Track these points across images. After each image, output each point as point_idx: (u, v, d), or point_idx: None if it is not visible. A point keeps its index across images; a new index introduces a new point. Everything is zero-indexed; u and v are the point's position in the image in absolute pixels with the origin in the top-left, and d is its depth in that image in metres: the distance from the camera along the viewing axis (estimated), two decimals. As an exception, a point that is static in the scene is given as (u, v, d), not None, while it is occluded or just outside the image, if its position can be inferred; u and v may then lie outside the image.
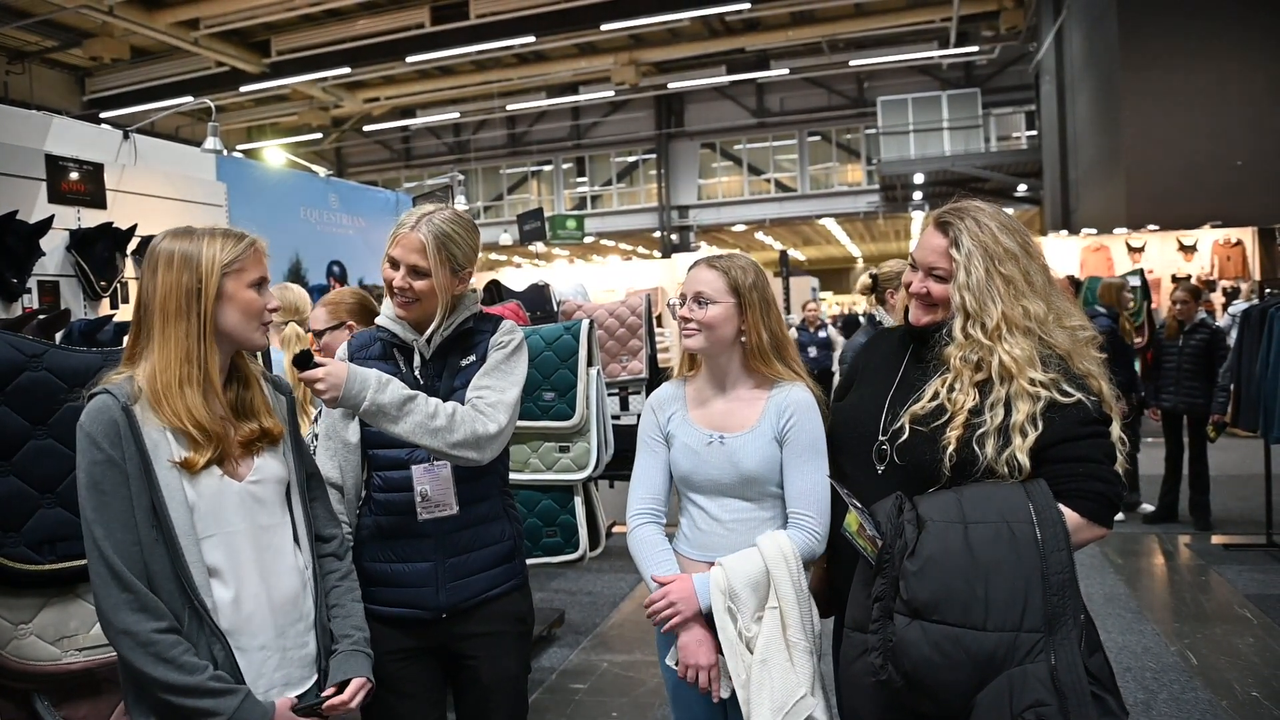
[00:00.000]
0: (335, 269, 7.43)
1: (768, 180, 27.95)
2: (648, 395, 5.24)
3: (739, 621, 1.87)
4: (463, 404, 1.96)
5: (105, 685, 2.14)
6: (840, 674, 1.80)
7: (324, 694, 1.70)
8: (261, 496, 1.69)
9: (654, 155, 28.15)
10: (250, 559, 1.65)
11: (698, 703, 2.06)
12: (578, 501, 3.92)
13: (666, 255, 23.58)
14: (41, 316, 4.10)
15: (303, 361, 1.83)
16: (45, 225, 4.64)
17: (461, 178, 7.03)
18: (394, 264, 1.98)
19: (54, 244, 4.79)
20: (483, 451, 1.93)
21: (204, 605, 1.57)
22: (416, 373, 2.05)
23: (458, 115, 26.55)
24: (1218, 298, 12.21)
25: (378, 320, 2.11)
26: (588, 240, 25.89)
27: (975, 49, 22.35)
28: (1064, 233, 15.21)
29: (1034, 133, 23.35)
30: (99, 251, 4.93)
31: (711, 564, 1.99)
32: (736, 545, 1.98)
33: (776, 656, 1.85)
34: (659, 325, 7.72)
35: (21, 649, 2.02)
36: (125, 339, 2.41)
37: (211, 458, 1.61)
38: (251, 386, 1.75)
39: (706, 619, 1.92)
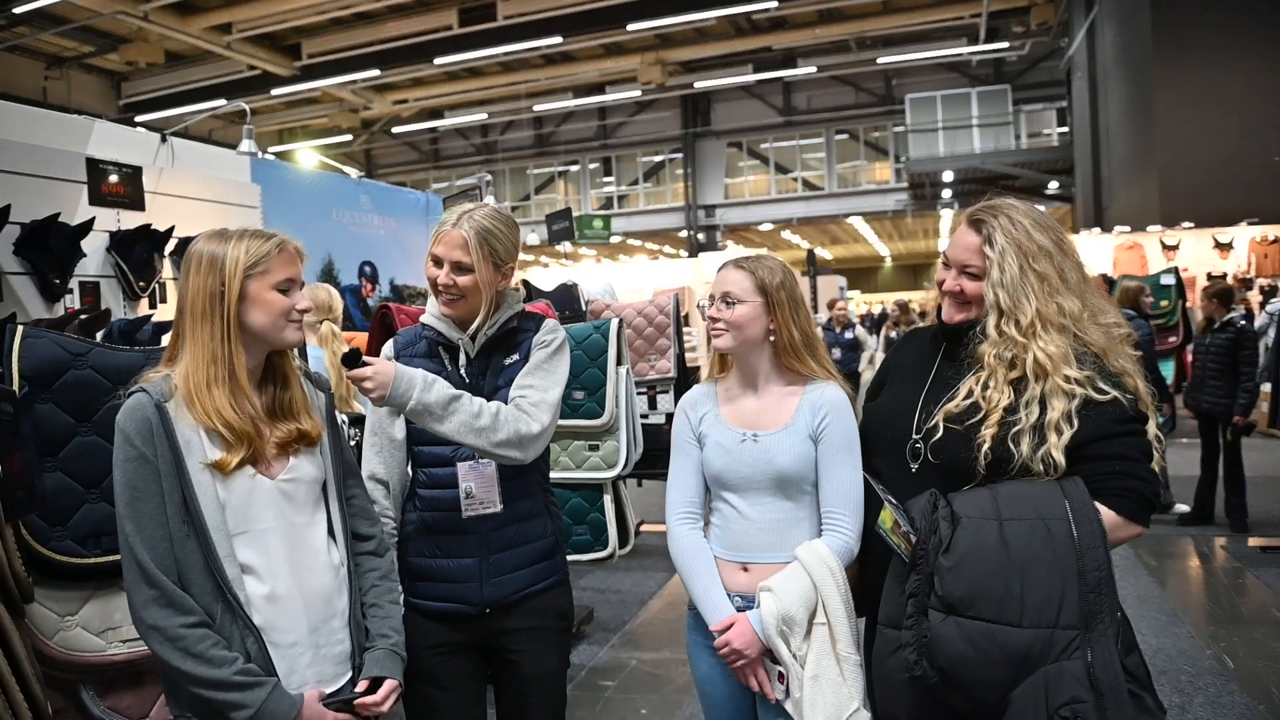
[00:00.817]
0: (367, 269, 7.50)
1: (795, 179, 27.85)
2: (676, 394, 5.27)
3: (791, 643, 1.88)
4: (506, 403, 1.98)
5: (147, 676, 2.19)
6: (874, 670, 1.80)
7: (357, 689, 1.72)
8: (294, 495, 1.71)
9: (680, 155, 28.14)
10: (282, 556, 1.67)
11: (727, 700, 2.07)
12: (607, 500, 3.95)
13: (693, 254, 23.58)
14: (83, 316, 4.18)
15: (350, 360, 1.85)
16: (86, 227, 4.72)
17: (489, 178, 7.08)
18: (437, 262, 2.00)
19: (95, 245, 4.87)
20: (526, 451, 1.96)
21: (237, 598, 1.59)
22: (462, 371, 2.07)
23: (485, 116, 26.69)
24: (1255, 296, 12.02)
25: (422, 319, 2.12)
26: (614, 240, 25.93)
27: (1005, 45, 22.14)
28: (1096, 230, 15.05)
29: (1065, 129, 23.10)
30: (138, 253, 5.01)
31: (744, 565, 2.01)
32: (769, 544, 1.99)
33: (828, 672, 1.86)
34: (686, 325, 7.73)
35: (68, 640, 2.07)
36: (165, 338, 2.45)
37: (244, 458, 1.63)
38: (291, 386, 1.76)
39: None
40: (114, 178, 5.03)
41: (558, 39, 18.91)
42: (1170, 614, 4.70)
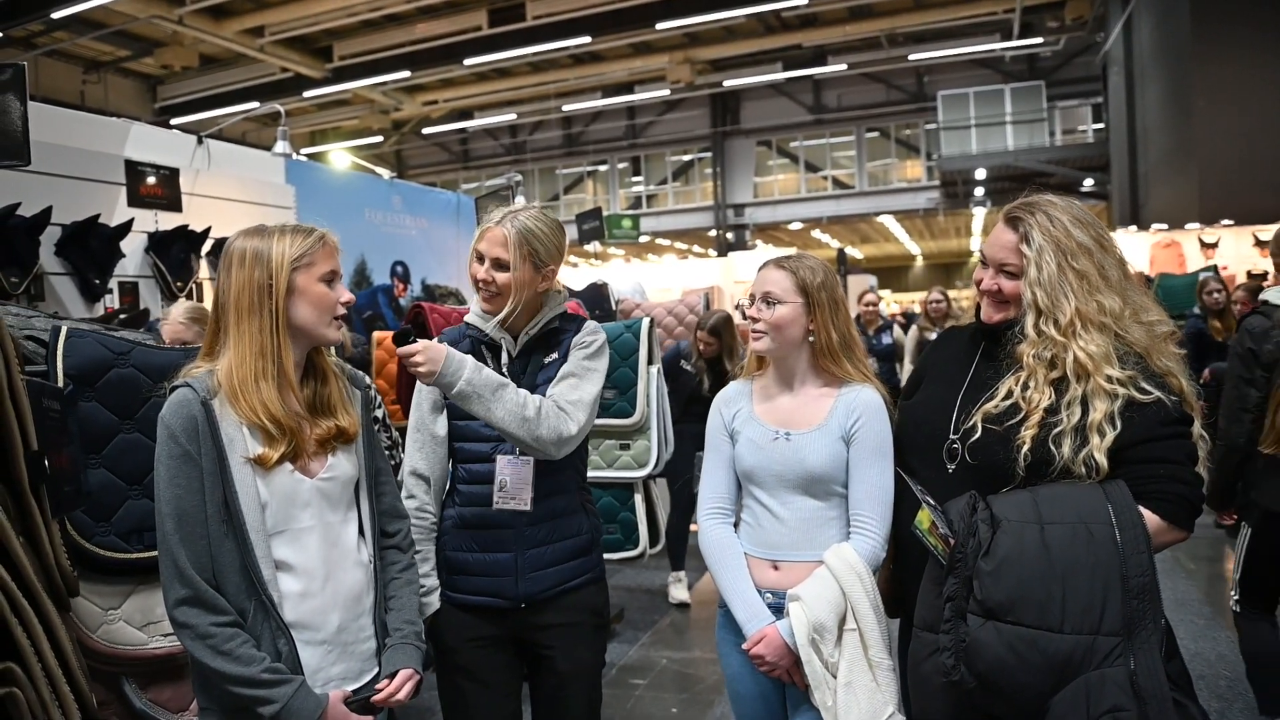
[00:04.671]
0: (399, 269, 7.57)
1: (825, 177, 27.68)
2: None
3: (823, 652, 1.87)
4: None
5: (187, 670, 2.22)
6: (909, 673, 1.79)
7: (378, 685, 1.73)
8: (331, 494, 1.72)
9: (709, 154, 28.07)
10: (318, 554, 1.68)
11: (757, 699, 2.07)
12: (638, 499, 3.95)
13: (722, 254, 23.51)
14: (122, 316, 4.26)
15: (401, 339, 1.90)
16: (125, 228, 4.81)
17: (519, 178, 7.11)
18: (479, 258, 2.04)
19: (133, 246, 4.97)
20: (560, 449, 1.99)
21: (270, 599, 1.61)
22: (503, 369, 2.09)
23: (514, 116, 26.78)
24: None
25: (466, 318, 2.16)
26: (643, 239, 25.92)
27: (1039, 41, 21.84)
28: (1133, 228, 14.81)
29: (1100, 126, 22.77)
30: (175, 253, 5.10)
31: (774, 563, 2.01)
32: (799, 543, 1.99)
33: (861, 678, 1.86)
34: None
35: (111, 633, 2.10)
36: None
37: (286, 453, 1.63)
38: (329, 382, 1.77)
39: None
40: (152, 179, 5.11)
41: (586, 39, 18.91)
42: (1208, 618, 4.62)
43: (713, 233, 28.10)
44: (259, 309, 1.64)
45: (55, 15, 14.78)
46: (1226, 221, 12.86)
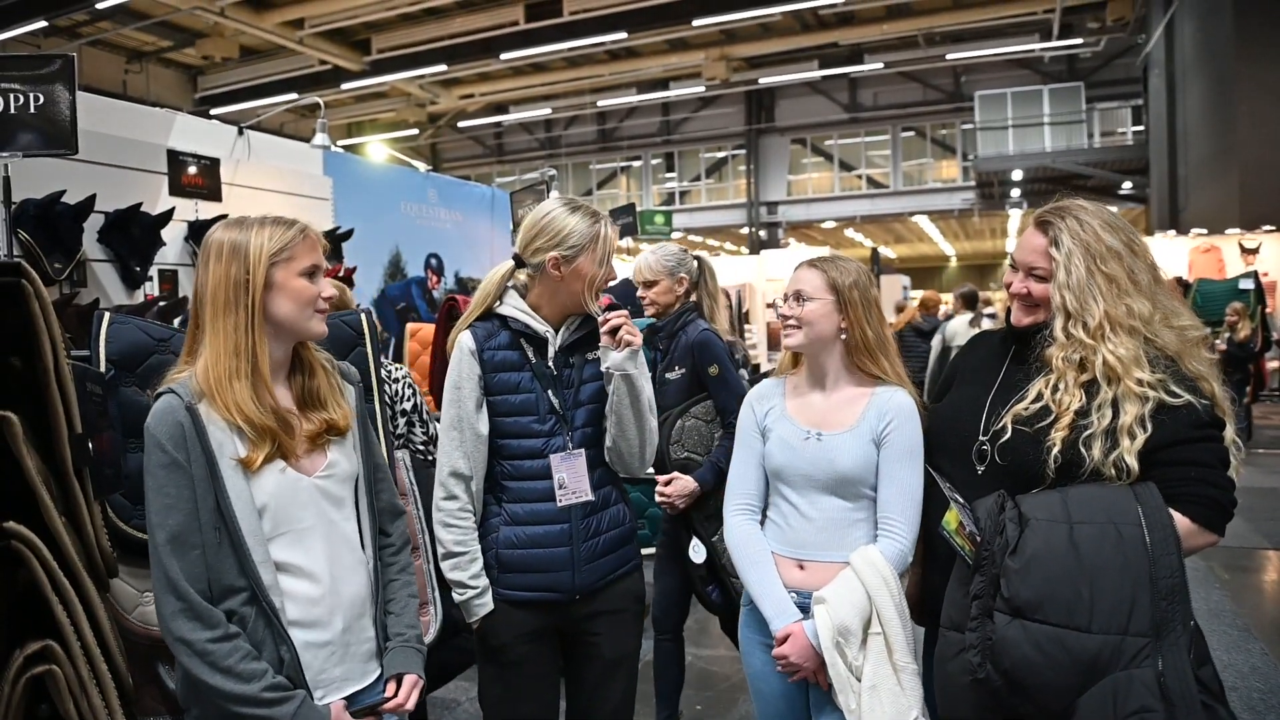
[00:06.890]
0: (433, 261, 7.61)
1: (859, 176, 27.50)
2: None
3: (848, 655, 1.88)
4: (599, 394, 2.13)
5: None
6: (935, 673, 1.79)
7: (385, 694, 1.71)
8: (332, 491, 1.67)
9: (743, 151, 27.99)
10: (322, 554, 1.64)
11: (780, 698, 2.08)
12: (666, 495, 3.94)
13: (754, 251, 23.43)
14: (162, 303, 4.34)
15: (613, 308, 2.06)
16: (166, 217, 4.89)
17: (553, 173, 7.14)
18: (602, 261, 2.12)
19: (173, 234, 5.04)
20: (644, 468, 2.14)
21: (271, 606, 1.55)
22: (550, 363, 2.10)
23: (549, 111, 26.89)
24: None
25: (501, 311, 2.11)
26: (675, 236, 25.88)
27: (1079, 41, 21.55)
28: (1171, 233, 14.58)
29: (1140, 128, 22.44)
30: (213, 242, 5.18)
31: (800, 563, 2.01)
32: (826, 543, 1.99)
33: (885, 682, 1.86)
34: (747, 322, 7.69)
35: (146, 615, 2.13)
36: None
37: (269, 453, 1.58)
38: (317, 375, 1.71)
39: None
40: (193, 169, 5.19)
41: (623, 34, 18.94)
42: (1242, 629, 4.55)
43: (745, 230, 28.03)
44: (235, 305, 1.57)
45: (100, 5, 15.06)
46: (1268, 227, 12.63)
